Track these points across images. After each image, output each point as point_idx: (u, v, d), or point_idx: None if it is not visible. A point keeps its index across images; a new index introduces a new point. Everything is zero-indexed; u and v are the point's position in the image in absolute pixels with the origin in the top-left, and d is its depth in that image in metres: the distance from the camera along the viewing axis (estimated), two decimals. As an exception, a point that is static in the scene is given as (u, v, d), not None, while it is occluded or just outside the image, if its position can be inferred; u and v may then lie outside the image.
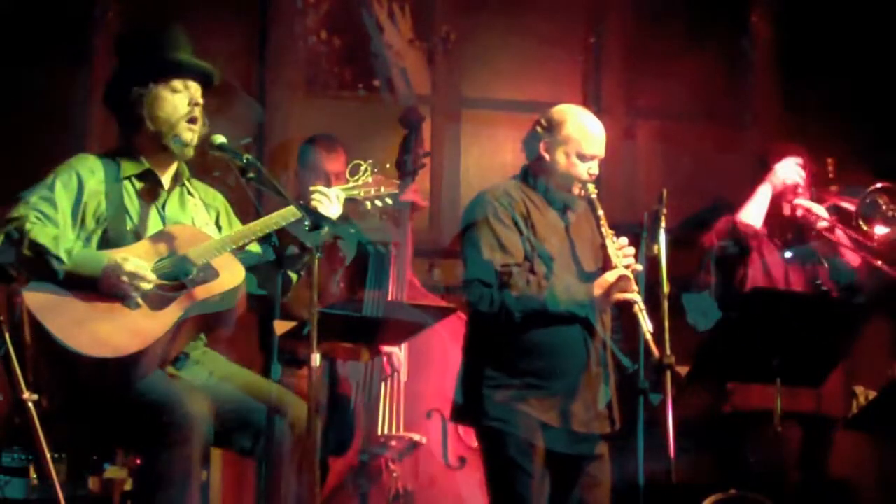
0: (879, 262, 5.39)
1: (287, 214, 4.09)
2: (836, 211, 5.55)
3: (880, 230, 5.41)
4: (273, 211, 4.14)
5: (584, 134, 4.40)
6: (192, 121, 4.13)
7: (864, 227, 5.35)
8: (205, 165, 4.33)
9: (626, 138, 6.76)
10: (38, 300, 3.87)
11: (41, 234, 3.92)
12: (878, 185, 5.38)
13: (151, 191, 4.18)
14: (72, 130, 5.95)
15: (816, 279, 5.50)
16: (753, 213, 5.49)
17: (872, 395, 5.32)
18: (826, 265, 5.51)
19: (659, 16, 6.64)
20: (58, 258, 3.89)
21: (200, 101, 4.14)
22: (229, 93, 4.41)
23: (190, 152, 4.17)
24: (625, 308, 4.32)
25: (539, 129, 4.46)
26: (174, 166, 4.22)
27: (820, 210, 5.50)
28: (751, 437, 5.28)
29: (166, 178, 4.21)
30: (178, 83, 4.12)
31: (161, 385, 3.93)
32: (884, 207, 5.43)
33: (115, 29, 6.14)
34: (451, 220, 6.21)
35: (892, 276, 5.36)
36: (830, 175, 5.68)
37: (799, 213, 5.54)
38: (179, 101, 4.12)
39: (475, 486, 5.11)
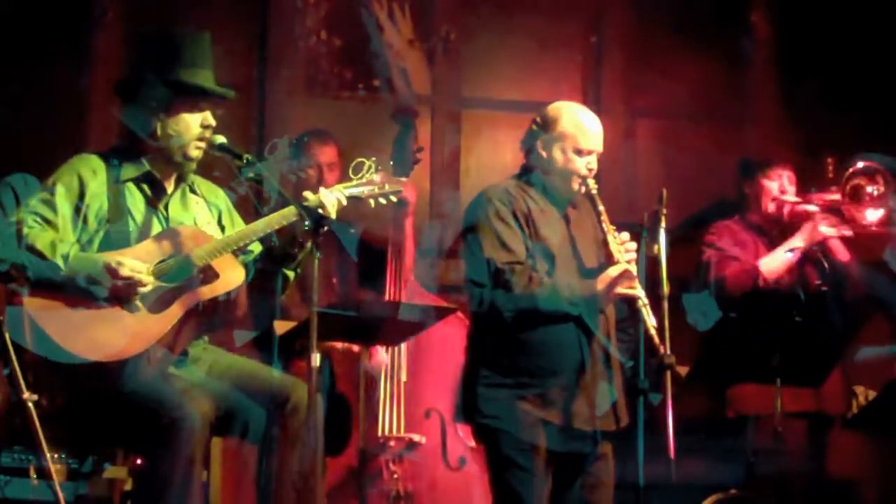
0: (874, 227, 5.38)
1: (288, 214, 4.09)
2: (823, 206, 5.53)
3: (872, 214, 5.39)
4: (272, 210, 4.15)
5: (579, 129, 4.40)
6: (201, 139, 4.13)
7: (855, 214, 5.34)
8: (205, 165, 4.33)
9: (626, 138, 6.76)
10: (37, 304, 3.88)
11: (38, 239, 3.92)
12: (859, 164, 5.37)
13: (153, 192, 4.18)
14: (72, 130, 5.95)
15: (815, 279, 5.49)
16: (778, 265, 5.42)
17: (872, 395, 5.32)
18: (821, 263, 5.50)
19: (659, 16, 6.64)
20: (54, 264, 3.90)
21: (213, 123, 4.14)
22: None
23: (194, 166, 4.19)
24: (629, 304, 4.33)
25: (535, 127, 4.47)
26: (177, 169, 4.22)
27: (805, 205, 5.49)
28: (751, 437, 5.28)
29: (169, 181, 4.21)
30: (195, 106, 4.12)
31: (161, 385, 3.93)
32: (868, 189, 5.42)
33: (116, 29, 6.15)
34: (452, 220, 6.21)
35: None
36: (830, 175, 5.67)
37: (786, 209, 5.53)
38: (193, 121, 4.12)
39: (475, 486, 5.11)
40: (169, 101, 4.10)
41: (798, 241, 5.35)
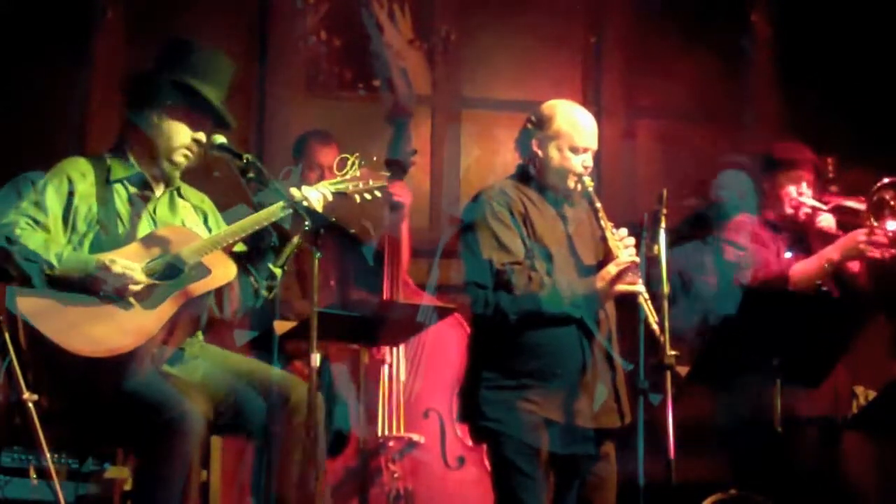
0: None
1: (276, 210, 4.11)
2: (841, 211, 5.51)
3: (892, 225, 5.37)
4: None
5: (574, 127, 4.41)
6: (189, 150, 4.16)
7: (875, 224, 5.32)
8: (205, 165, 4.34)
9: (626, 138, 6.76)
10: (31, 305, 3.89)
11: (31, 239, 3.94)
12: (885, 180, 5.35)
13: (142, 194, 4.21)
14: (72, 130, 5.96)
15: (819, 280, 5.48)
16: (810, 273, 5.39)
17: (872, 395, 5.32)
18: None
19: (659, 16, 6.64)
20: (48, 263, 3.91)
21: (203, 138, 4.16)
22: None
23: (177, 173, 4.22)
24: (625, 303, 4.33)
25: (530, 126, 4.48)
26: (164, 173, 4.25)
27: (825, 213, 5.47)
28: (752, 436, 5.28)
29: (158, 184, 4.24)
30: (193, 119, 4.14)
31: (158, 384, 3.94)
32: (893, 203, 5.39)
33: (116, 30, 6.16)
34: (451, 220, 6.21)
35: None
36: (830, 174, 5.67)
37: (803, 211, 5.51)
38: (186, 130, 4.15)
39: (474, 486, 5.13)
40: (173, 103, 4.12)
41: (833, 254, 5.31)
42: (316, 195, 4.21)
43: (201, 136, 4.17)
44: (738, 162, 5.76)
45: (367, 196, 4.34)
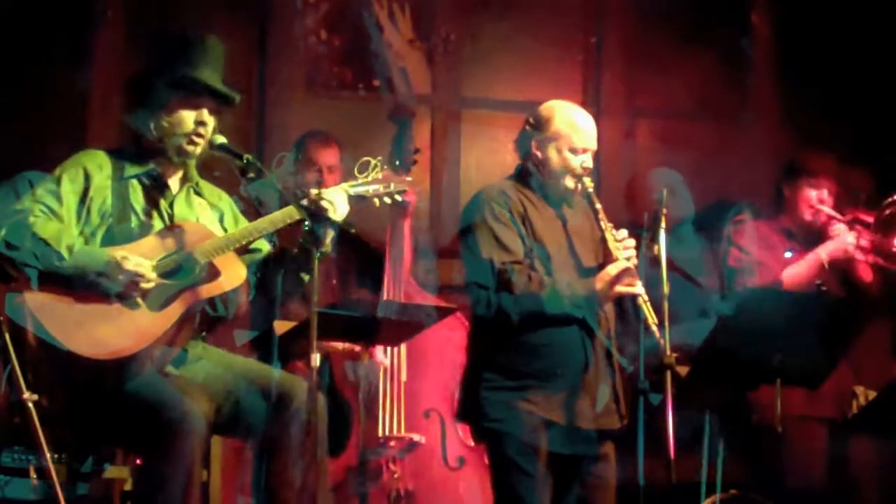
0: None
1: (292, 212, 4.10)
2: (856, 224, 5.52)
3: None
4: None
5: (573, 128, 4.41)
6: (196, 135, 4.13)
7: (883, 238, 5.33)
8: (205, 165, 4.33)
9: (626, 138, 6.76)
10: (38, 300, 3.88)
11: (44, 228, 3.92)
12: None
13: (158, 190, 4.18)
14: (72, 130, 5.96)
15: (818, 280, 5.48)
16: (801, 276, 5.43)
17: (872, 395, 5.33)
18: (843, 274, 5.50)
19: (659, 15, 6.64)
20: (58, 255, 3.89)
21: (207, 121, 4.13)
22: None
23: (194, 164, 4.20)
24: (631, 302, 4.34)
25: (528, 127, 4.48)
26: (182, 169, 4.22)
27: (841, 223, 5.47)
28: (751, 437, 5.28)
29: (173, 180, 4.22)
30: (191, 102, 4.12)
31: (159, 384, 3.94)
32: None
33: (116, 28, 6.16)
34: (452, 220, 6.21)
35: None
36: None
37: (821, 218, 5.50)
38: (188, 117, 4.12)
39: (475, 486, 5.13)
40: (169, 98, 4.10)
41: (822, 253, 5.35)
42: (336, 198, 4.18)
43: (204, 116, 4.12)
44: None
45: (388, 200, 4.32)
